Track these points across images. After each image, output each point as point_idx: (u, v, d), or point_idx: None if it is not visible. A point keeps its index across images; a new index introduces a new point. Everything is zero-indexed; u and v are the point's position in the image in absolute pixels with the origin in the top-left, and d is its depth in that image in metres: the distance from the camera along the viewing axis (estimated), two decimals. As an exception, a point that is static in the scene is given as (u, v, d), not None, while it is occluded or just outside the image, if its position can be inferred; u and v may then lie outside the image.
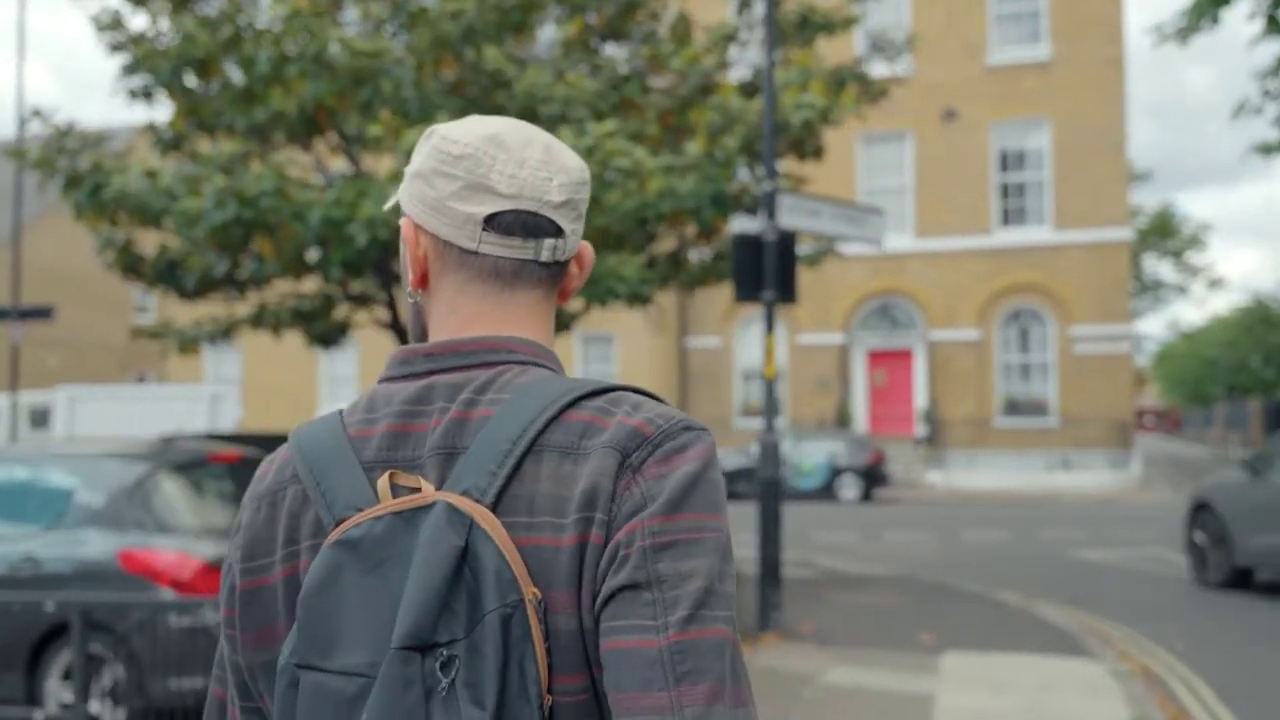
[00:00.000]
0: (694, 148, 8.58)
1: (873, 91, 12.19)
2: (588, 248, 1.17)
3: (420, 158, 1.12)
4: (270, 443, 12.38)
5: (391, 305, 11.02)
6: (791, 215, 8.39)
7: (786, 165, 15.54)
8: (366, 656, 0.93)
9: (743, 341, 28.79)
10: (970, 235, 27.35)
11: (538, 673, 0.91)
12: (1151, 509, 19.82)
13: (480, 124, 1.12)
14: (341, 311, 11.98)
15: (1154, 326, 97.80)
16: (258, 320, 11.92)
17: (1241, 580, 10.37)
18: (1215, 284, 51.07)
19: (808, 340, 28.16)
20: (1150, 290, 51.02)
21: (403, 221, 1.13)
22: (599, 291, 8.78)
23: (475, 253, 1.08)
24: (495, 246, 1.08)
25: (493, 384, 1.04)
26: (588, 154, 8.14)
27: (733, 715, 0.89)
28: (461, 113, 9.63)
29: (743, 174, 9.57)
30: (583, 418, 0.99)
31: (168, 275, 9.98)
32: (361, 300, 11.27)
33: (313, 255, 9.38)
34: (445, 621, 0.91)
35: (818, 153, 11.98)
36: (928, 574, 11.78)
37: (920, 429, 27.02)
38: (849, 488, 22.45)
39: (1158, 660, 7.78)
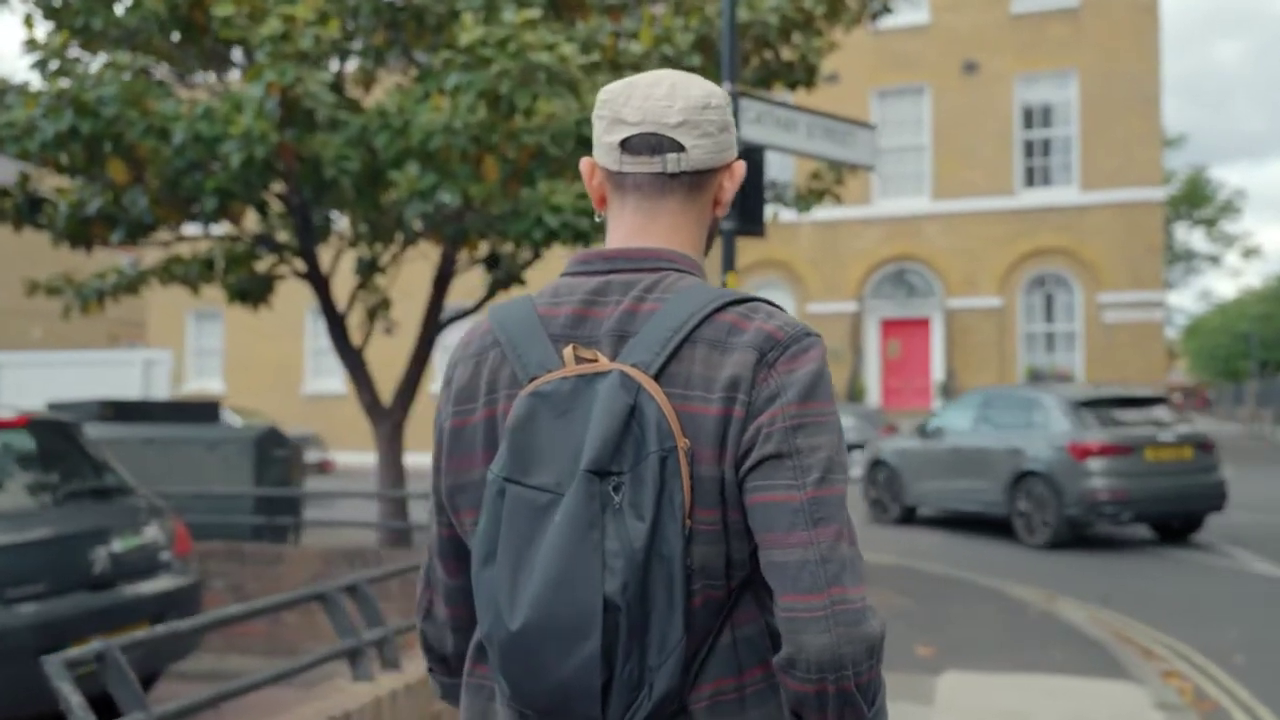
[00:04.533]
0: (637, 47, 6.97)
1: (873, 6, 10.53)
2: (740, 164, 1.46)
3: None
4: (177, 410, 10.94)
5: (309, 255, 9.48)
6: (757, 127, 6.76)
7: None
8: (554, 478, 1.25)
9: (748, 310, 27.13)
10: (991, 196, 25.57)
11: (683, 501, 1.23)
12: (1187, 489, 18.10)
13: (628, 78, 1.44)
14: (265, 264, 10.46)
15: (1184, 299, 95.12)
16: (167, 272, 10.42)
17: (909, 516, 13.73)
18: (1250, 253, 48.83)
19: (817, 309, 26.49)
20: (1181, 260, 48.93)
21: (583, 161, 1.48)
22: (525, 224, 7.19)
23: (620, 173, 1.41)
24: (632, 164, 1.39)
25: (658, 285, 1.34)
26: (501, 48, 6.54)
27: (850, 551, 1.24)
28: (373, 15, 8.05)
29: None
30: (729, 319, 1.30)
31: (28, 213, 8.44)
32: (283, 250, 9.74)
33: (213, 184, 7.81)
34: (617, 458, 1.23)
35: (809, 80, 10.37)
36: (934, 565, 10.19)
37: (937, 402, 25.32)
38: (858, 466, 20.83)
39: (1213, 681, 6.17)
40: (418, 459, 25.19)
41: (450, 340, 26.87)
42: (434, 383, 27.16)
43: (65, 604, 4.78)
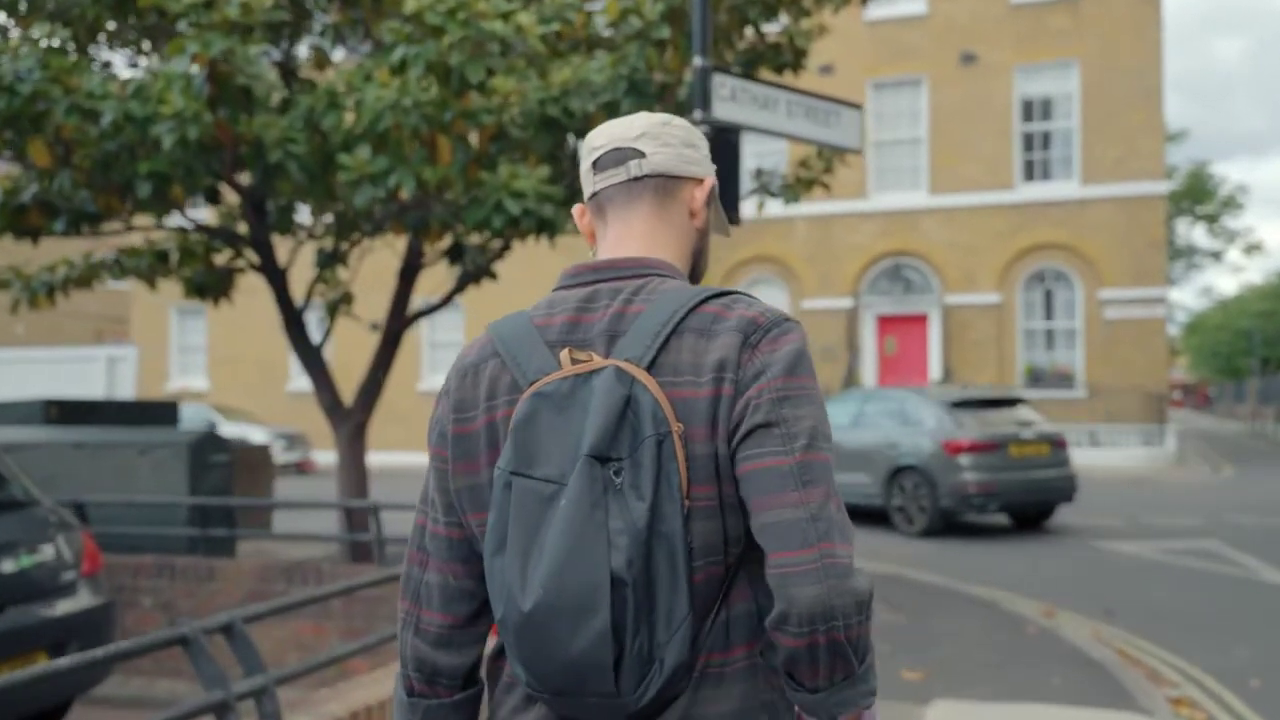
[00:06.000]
0: (604, 20, 6.44)
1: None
2: (711, 180, 1.58)
3: None
4: (130, 411, 10.39)
5: (262, 245, 8.94)
6: (732, 105, 6.21)
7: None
8: (557, 470, 1.32)
9: (742, 306, 26.51)
10: (990, 190, 25.01)
11: (680, 481, 1.30)
12: (1191, 490, 17.61)
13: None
14: (224, 257, 9.92)
15: (1185, 296, 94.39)
16: (119, 265, 9.88)
17: None
18: (1253, 248, 48.11)
19: (812, 305, 25.94)
20: (1183, 256, 48.33)
21: (575, 207, 1.61)
22: (484, 211, 6.65)
23: (596, 193, 1.56)
24: (601, 181, 1.54)
25: (644, 289, 1.44)
26: (450, 16, 6.00)
27: (838, 513, 1.31)
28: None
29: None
30: (712, 310, 1.40)
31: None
32: (237, 241, 9.22)
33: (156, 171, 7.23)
34: (615, 445, 1.30)
35: (797, 64, 9.84)
36: (927, 573, 9.65)
37: (934, 401, 24.77)
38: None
39: (1228, 711, 5.64)
40: (387, 458, 24.56)
41: (417, 337, 26.45)
42: (402, 380, 26.72)
43: (-58, 633, 4.25)
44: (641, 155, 1.51)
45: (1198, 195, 46.76)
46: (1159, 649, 6.94)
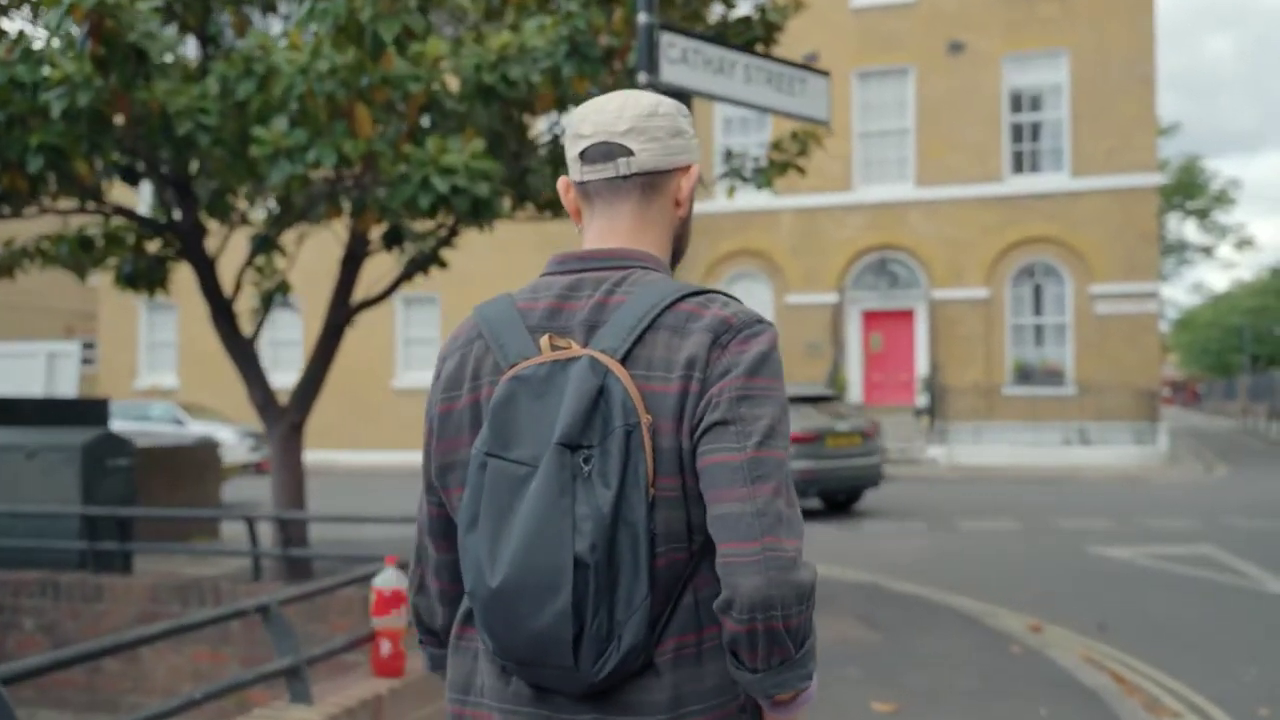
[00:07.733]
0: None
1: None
2: (697, 167, 1.59)
3: None
4: (54, 410, 9.70)
5: (187, 229, 8.27)
6: (681, 68, 5.54)
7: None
8: (531, 452, 1.38)
9: (725, 301, 25.85)
10: (978, 183, 24.40)
11: (646, 471, 1.35)
12: (1183, 490, 17.02)
13: (592, 100, 1.61)
14: (157, 244, 9.24)
15: (1176, 292, 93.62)
16: (41, 253, 9.20)
17: None
18: (1244, 244, 47.60)
19: (796, 300, 25.31)
20: (1174, 252, 47.79)
21: (560, 180, 1.61)
22: (409, 189, 5.97)
23: (583, 182, 1.56)
24: (590, 173, 1.55)
25: (625, 280, 1.48)
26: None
27: (788, 509, 1.35)
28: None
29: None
30: (687, 308, 1.44)
31: None
32: (163, 228, 8.55)
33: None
34: (586, 433, 1.35)
35: (769, 39, 9.21)
36: (908, 581, 9.01)
37: (921, 398, 24.19)
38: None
39: (1237, 747, 5.02)
40: (355, 458, 23.83)
41: (390, 331, 25.76)
42: (376, 376, 26.00)
43: None
44: (629, 153, 1.52)
45: (1189, 190, 46.24)
46: (1157, 671, 6.31)
